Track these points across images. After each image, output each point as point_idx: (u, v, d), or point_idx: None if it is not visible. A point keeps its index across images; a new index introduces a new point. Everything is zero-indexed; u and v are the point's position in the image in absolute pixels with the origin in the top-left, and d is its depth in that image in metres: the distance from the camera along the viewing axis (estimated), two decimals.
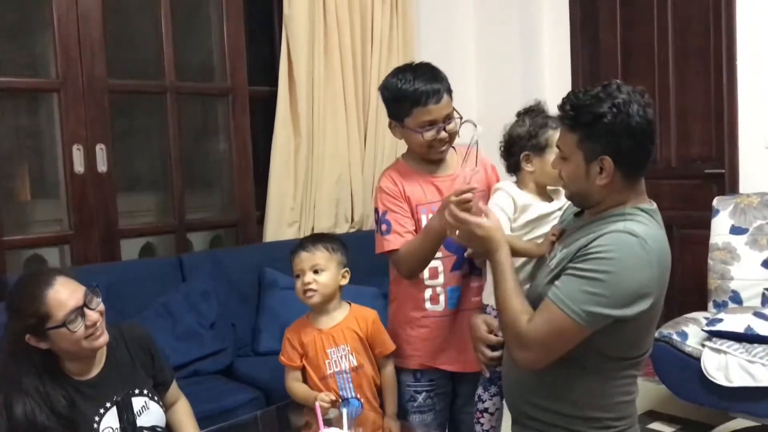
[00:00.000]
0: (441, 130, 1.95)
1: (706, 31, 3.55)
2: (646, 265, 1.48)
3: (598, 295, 1.47)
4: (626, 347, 1.58)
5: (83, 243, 3.06)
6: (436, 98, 1.92)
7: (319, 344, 1.98)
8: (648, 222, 1.55)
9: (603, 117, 1.50)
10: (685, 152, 3.72)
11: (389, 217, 2.00)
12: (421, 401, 2.07)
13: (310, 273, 1.95)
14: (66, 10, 2.96)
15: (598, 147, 1.53)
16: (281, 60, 3.47)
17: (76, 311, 1.65)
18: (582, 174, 1.57)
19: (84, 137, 3.03)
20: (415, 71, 1.96)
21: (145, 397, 1.82)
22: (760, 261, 3.05)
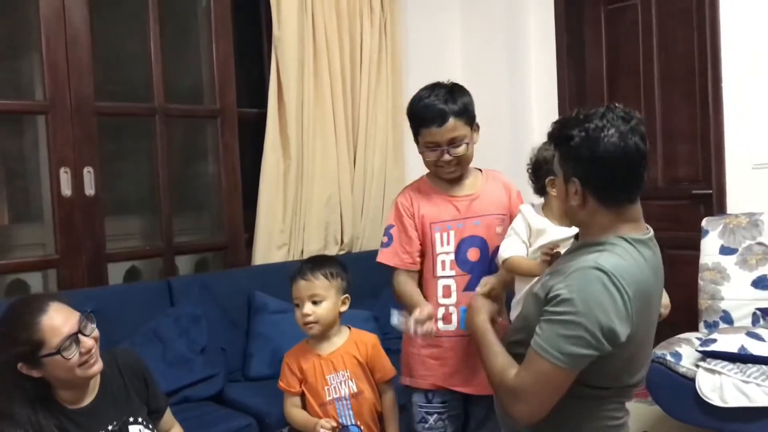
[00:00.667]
0: (444, 153, 1.96)
1: (691, 53, 3.60)
2: (617, 301, 1.44)
3: (573, 336, 1.45)
4: (608, 379, 1.56)
5: (70, 267, 3.00)
6: (439, 121, 1.92)
7: (319, 370, 1.95)
8: (624, 253, 1.50)
9: (570, 140, 1.51)
10: (672, 173, 3.75)
11: (393, 231, 2.05)
12: (432, 423, 2.05)
13: (309, 304, 1.92)
14: (54, 31, 2.94)
15: (569, 168, 1.54)
16: (270, 82, 3.47)
17: (71, 338, 1.61)
18: (563, 193, 1.59)
19: (72, 160, 2.99)
20: (433, 90, 1.98)
21: (140, 425, 1.78)
22: (749, 281, 3.06)
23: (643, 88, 3.83)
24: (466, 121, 1.96)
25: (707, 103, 3.49)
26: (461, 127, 1.95)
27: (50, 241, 3.06)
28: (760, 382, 2.56)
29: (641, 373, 1.63)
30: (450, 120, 1.92)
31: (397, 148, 3.96)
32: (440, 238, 2.02)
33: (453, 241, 2.02)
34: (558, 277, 1.53)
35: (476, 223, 2.03)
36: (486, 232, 2.03)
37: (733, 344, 2.69)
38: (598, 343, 1.44)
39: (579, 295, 1.45)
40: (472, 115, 2.00)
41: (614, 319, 1.44)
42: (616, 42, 3.96)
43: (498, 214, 2.06)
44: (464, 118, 1.95)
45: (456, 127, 1.94)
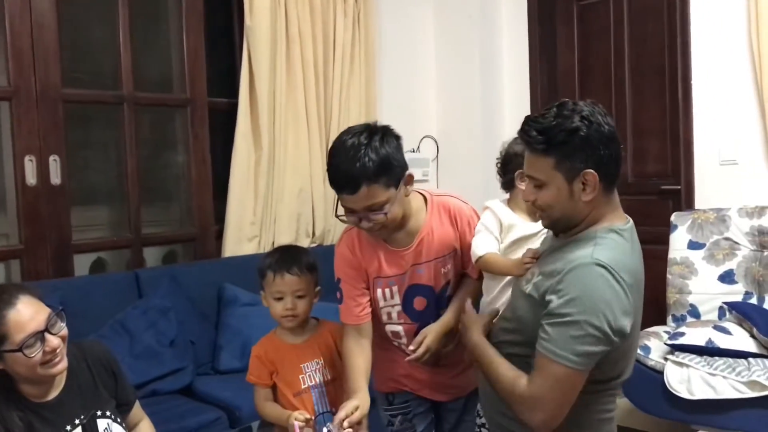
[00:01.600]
0: (363, 220, 1.71)
1: (661, 50, 3.64)
2: (620, 295, 1.45)
3: (584, 336, 1.45)
4: (606, 370, 1.56)
5: (34, 258, 2.93)
6: (349, 189, 1.65)
7: (292, 359, 1.92)
8: (616, 245, 1.51)
9: (578, 131, 1.48)
10: (642, 169, 3.79)
11: (342, 286, 1.87)
12: (398, 425, 1.99)
13: (293, 298, 1.87)
14: (19, 15, 2.86)
15: (578, 163, 1.50)
16: (242, 71, 3.42)
17: (36, 335, 1.56)
18: (565, 196, 1.53)
19: (37, 148, 2.91)
20: (351, 142, 1.67)
21: (108, 419, 1.74)
22: (716, 275, 3.11)
23: (614, 85, 3.86)
24: (386, 184, 1.66)
25: (677, 99, 3.53)
26: (379, 193, 1.66)
27: (14, 231, 2.99)
28: (726, 374, 2.60)
29: (632, 363, 1.64)
30: (363, 187, 1.63)
31: None
32: (382, 294, 1.87)
33: (397, 294, 1.88)
34: (553, 277, 1.51)
35: (419, 271, 1.85)
36: (431, 279, 1.87)
37: (701, 337, 2.74)
38: (608, 339, 1.45)
39: (583, 293, 1.45)
40: (397, 172, 1.69)
41: (619, 313, 1.45)
42: (588, 38, 3.99)
43: (443, 256, 1.86)
44: (383, 180, 1.65)
45: (371, 194, 1.65)
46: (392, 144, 1.70)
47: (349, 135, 1.70)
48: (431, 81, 4.41)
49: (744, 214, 3.12)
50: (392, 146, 1.70)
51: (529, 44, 4.10)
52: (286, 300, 1.87)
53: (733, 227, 3.13)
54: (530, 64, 4.11)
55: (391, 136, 1.72)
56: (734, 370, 2.61)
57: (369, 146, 1.65)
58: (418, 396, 1.99)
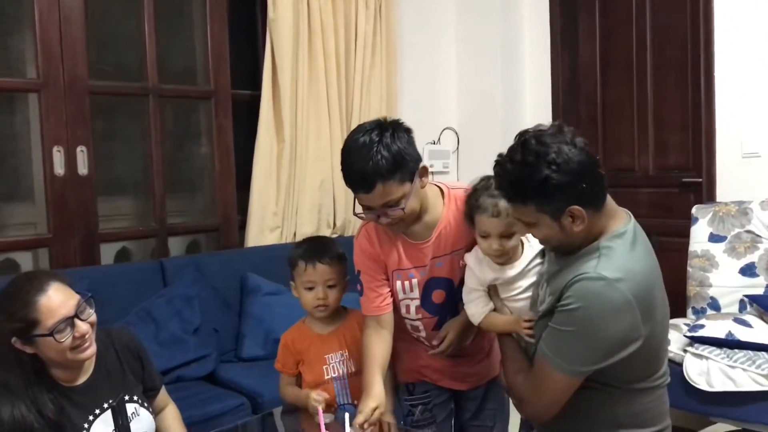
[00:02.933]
0: (381, 216, 1.74)
1: (684, 42, 3.61)
2: (621, 308, 1.46)
3: (579, 348, 1.48)
4: (635, 374, 1.57)
5: (62, 247, 3.00)
6: (365, 188, 1.67)
7: (317, 349, 1.94)
8: (620, 253, 1.50)
9: (549, 180, 1.45)
10: (663, 161, 3.77)
11: (362, 277, 1.88)
12: (419, 415, 2.00)
13: (324, 287, 1.89)
14: (48, 9, 2.92)
15: (559, 203, 1.49)
16: (265, 64, 3.46)
17: (66, 321, 1.60)
18: (556, 231, 1.54)
19: (65, 139, 2.98)
20: (356, 145, 1.68)
21: (135, 403, 1.79)
22: (737, 268, 3.09)
23: (635, 77, 3.84)
24: (401, 179, 1.68)
25: (699, 92, 3.51)
26: (394, 190, 1.67)
27: (42, 220, 3.05)
28: (746, 367, 2.60)
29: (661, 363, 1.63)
30: (378, 186, 1.65)
31: None
32: (402, 287, 1.88)
33: (417, 288, 1.88)
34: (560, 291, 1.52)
35: (438, 264, 1.86)
36: (450, 271, 1.87)
37: (721, 330, 2.73)
38: (606, 353, 1.47)
39: (583, 307, 1.46)
40: (410, 166, 1.70)
41: (628, 329, 1.46)
42: (610, 30, 3.96)
43: (461, 248, 1.85)
44: (398, 176, 1.67)
45: (387, 192, 1.67)
46: (404, 139, 1.70)
47: (360, 133, 1.70)
48: (452, 72, 4.42)
49: (766, 207, 3.10)
50: (404, 141, 1.70)
51: (550, 36, 4.09)
52: (317, 290, 1.89)
53: (755, 220, 3.11)
54: (551, 56, 4.10)
55: (402, 131, 1.73)
56: (754, 362, 2.60)
57: (381, 143, 1.66)
58: (438, 386, 2.01)
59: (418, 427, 2.00)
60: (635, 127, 3.86)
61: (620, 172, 3.94)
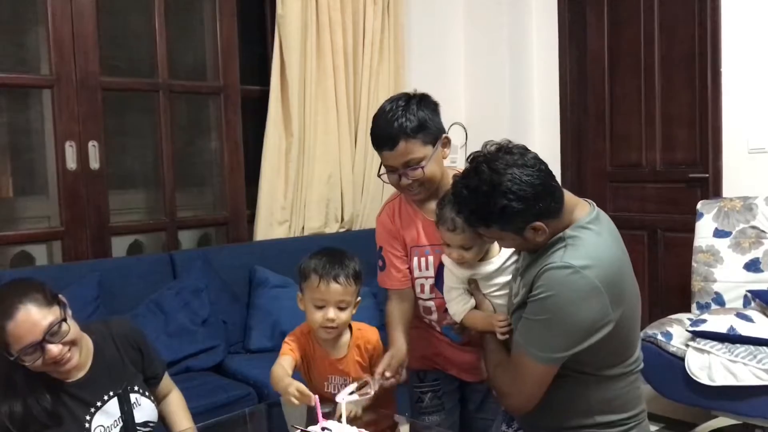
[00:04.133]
0: (402, 177, 1.83)
1: (691, 37, 3.61)
2: (589, 294, 1.49)
3: (551, 335, 1.52)
4: (607, 359, 1.60)
5: (74, 240, 3.06)
6: (389, 144, 1.78)
7: (322, 365, 1.89)
8: (586, 241, 1.55)
9: (507, 208, 1.49)
10: (670, 157, 3.78)
11: (384, 253, 1.96)
12: (428, 402, 2.04)
13: (335, 309, 1.78)
14: (60, 6, 2.97)
15: (520, 224, 1.53)
16: (273, 60, 3.49)
17: (34, 346, 1.58)
18: (520, 242, 1.59)
19: (77, 134, 3.04)
20: (390, 104, 1.82)
21: (136, 393, 1.81)
22: (742, 263, 3.11)
23: (643, 71, 3.84)
24: (423, 141, 1.79)
25: (706, 87, 3.50)
26: (417, 149, 1.78)
27: (55, 213, 3.11)
28: (747, 361, 2.62)
29: (633, 350, 1.66)
30: (401, 143, 1.77)
31: None
32: (418, 263, 1.94)
33: (432, 266, 1.93)
34: (532, 282, 1.57)
35: None
36: None
37: (723, 325, 2.75)
38: (581, 341, 1.51)
39: (552, 295, 1.50)
40: (433, 131, 1.81)
41: (597, 314, 1.50)
42: (618, 24, 3.97)
43: None
44: (420, 137, 1.78)
45: (409, 150, 1.78)
46: (430, 107, 1.83)
47: (389, 101, 1.85)
48: (460, 67, 4.44)
49: None
50: (429, 109, 1.83)
51: (558, 30, 4.09)
52: (327, 310, 1.78)
53: (759, 216, 3.11)
54: (560, 50, 4.10)
55: (428, 101, 1.85)
56: (755, 357, 2.62)
57: (407, 108, 1.79)
58: (448, 374, 2.05)
59: (427, 413, 2.04)
60: (643, 121, 3.86)
61: (628, 167, 3.96)
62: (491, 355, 1.73)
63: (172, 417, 1.95)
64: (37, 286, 1.65)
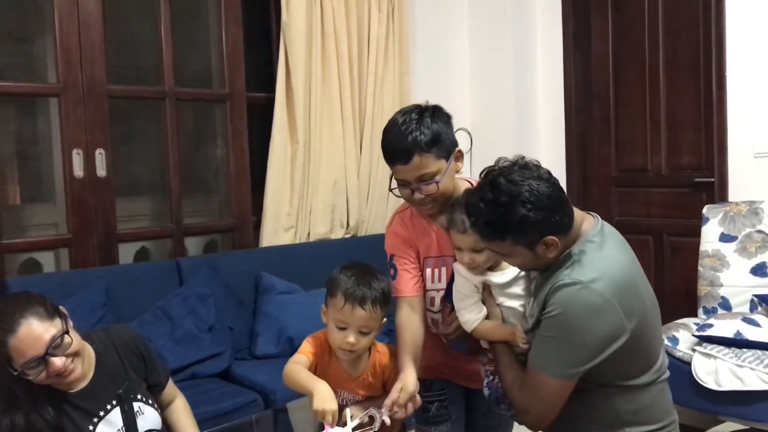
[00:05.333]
0: (415, 191, 1.79)
1: (696, 42, 3.61)
2: (601, 308, 1.50)
3: (564, 352, 1.53)
4: (623, 370, 1.59)
5: (81, 247, 3.07)
6: (403, 159, 1.75)
7: (335, 379, 1.81)
8: (592, 257, 1.55)
9: (526, 218, 1.49)
10: (676, 161, 3.77)
11: (395, 261, 1.93)
12: (435, 411, 2.02)
13: (356, 334, 1.73)
14: (67, 15, 3.00)
15: (535, 237, 1.53)
16: (279, 67, 3.51)
17: (37, 360, 1.57)
18: (531, 259, 1.59)
19: (84, 142, 3.06)
20: (403, 117, 1.78)
21: (139, 402, 1.80)
22: (748, 268, 3.10)
23: (648, 76, 3.84)
24: (437, 155, 1.75)
25: (711, 91, 3.50)
26: (430, 163, 1.75)
27: (62, 221, 3.13)
28: (754, 366, 2.61)
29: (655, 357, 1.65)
30: (415, 157, 1.73)
31: None
32: (431, 275, 1.92)
33: (444, 278, 1.92)
34: (544, 300, 1.57)
35: None
36: None
37: (729, 329, 2.74)
38: (596, 356, 1.51)
39: (563, 313, 1.51)
40: (447, 145, 1.78)
41: (610, 328, 1.50)
42: (623, 29, 3.97)
43: None
44: (434, 151, 1.74)
45: (423, 164, 1.74)
46: (443, 120, 1.80)
47: (401, 113, 1.81)
48: (465, 74, 4.45)
49: None
50: (443, 122, 1.79)
51: (563, 35, 4.10)
52: (348, 333, 1.73)
53: (766, 220, 3.10)
54: (564, 56, 4.11)
55: (442, 114, 1.82)
56: (762, 362, 2.61)
57: (420, 121, 1.76)
58: (454, 384, 2.05)
59: (434, 423, 2.02)
60: (648, 126, 3.86)
61: (633, 172, 3.96)
62: (506, 370, 1.71)
63: (177, 424, 1.93)
64: (38, 299, 1.65)
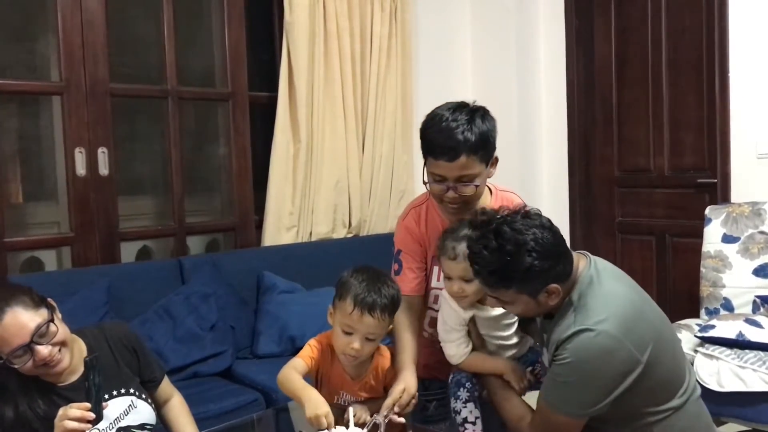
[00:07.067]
0: (450, 190, 1.76)
1: (699, 43, 3.61)
2: (611, 348, 1.50)
3: (581, 394, 1.53)
4: (650, 400, 1.59)
5: (84, 245, 3.07)
6: (450, 155, 1.71)
7: (336, 382, 1.84)
8: (592, 300, 1.55)
9: (531, 268, 1.50)
10: (678, 162, 3.77)
11: (402, 257, 1.92)
12: (434, 410, 2.02)
13: (362, 340, 1.70)
14: (70, 14, 3.00)
15: (539, 285, 1.54)
16: (281, 66, 3.51)
17: (22, 348, 1.59)
18: (532, 306, 1.59)
19: (86, 140, 3.06)
20: (453, 112, 1.75)
21: (132, 396, 1.79)
22: (751, 269, 3.09)
23: (651, 77, 3.84)
24: (481, 158, 1.74)
25: (714, 92, 3.50)
26: (474, 165, 1.73)
27: (64, 219, 3.13)
28: (756, 367, 2.60)
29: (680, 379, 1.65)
30: (462, 157, 1.70)
31: (405, 133, 4.00)
32: (437, 274, 1.91)
33: None
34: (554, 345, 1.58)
35: None
36: None
37: (732, 330, 2.74)
38: (607, 393, 1.52)
39: (574, 360, 1.51)
40: (491, 149, 1.77)
41: (623, 366, 1.51)
42: (625, 30, 3.97)
43: None
44: (480, 154, 1.72)
45: (468, 165, 1.72)
46: (492, 123, 1.78)
47: (449, 110, 1.76)
48: (468, 74, 4.44)
49: None
50: (491, 126, 1.77)
51: (565, 36, 4.09)
52: (354, 339, 1.70)
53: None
54: (567, 56, 4.10)
55: (491, 117, 1.80)
56: (765, 363, 2.60)
57: (472, 121, 1.73)
58: None
59: (433, 422, 2.02)
60: (650, 127, 3.86)
61: (636, 172, 3.95)
62: (510, 407, 1.71)
63: (174, 422, 1.93)
64: (24, 289, 1.67)
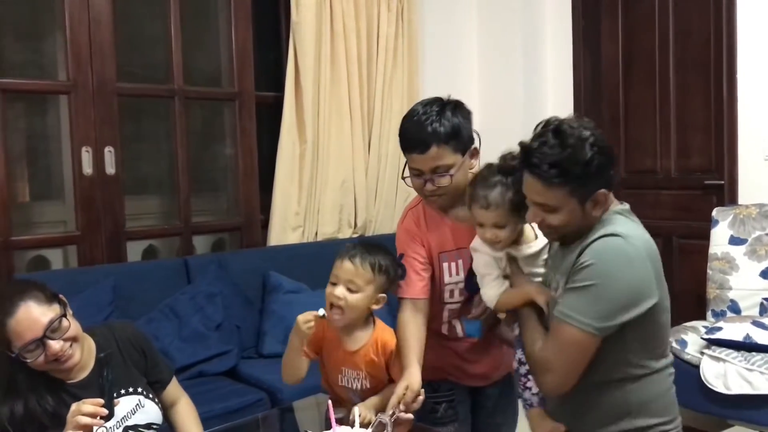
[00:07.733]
0: (428, 182, 1.80)
1: (706, 43, 3.59)
2: (636, 260, 1.50)
3: (596, 302, 1.50)
4: (645, 347, 1.59)
5: (90, 244, 3.08)
6: (420, 147, 1.76)
7: (336, 357, 1.87)
8: (626, 222, 1.58)
9: (592, 161, 1.50)
10: (685, 163, 3.75)
11: (405, 260, 1.90)
12: (443, 412, 2.01)
13: (343, 288, 1.76)
14: (78, 13, 3.01)
15: (593, 187, 1.53)
16: (288, 66, 3.51)
17: (35, 342, 1.60)
18: (578, 216, 1.56)
19: (93, 139, 3.07)
20: (424, 107, 1.80)
21: (139, 395, 1.80)
22: (758, 271, 3.08)
23: (658, 78, 3.82)
24: (454, 148, 1.77)
25: (722, 93, 3.49)
26: (447, 156, 1.77)
27: (71, 218, 3.14)
28: (763, 370, 2.59)
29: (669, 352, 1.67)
30: (432, 147, 1.75)
31: None
32: (448, 269, 1.91)
33: (462, 270, 1.92)
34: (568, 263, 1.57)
35: None
36: None
37: (739, 333, 2.73)
38: (627, 309, 1.49)
39: (599, 260, 1.50)
40: (465, 140, 1.80)
41: (642, 280, 1.50)
42: (632, 31, 3.95)
43: None
44: (452, 144, 1.76)
45: (440, 156, 1.76)
46: (464, 114, 1.82)
47: (422, 104, 1.82)
48: (474, 74, 4.44)
49: None
50: (463, 117, 1.81)
51: (572, 36, 4.08)
52: (337, 287, 1.78)
53: None
54: (573, 56, 4.09)
55: (464, 109, 1.84)
56: None
57: (442, 113, 1.77)
58: (461, 384, 2.04)
59: (441, 424, 2.01)
60: (657, 128, 3.84)
61: (642, 173, 3.94)
62: (529, 333, 1.67)
63: (181, 426, 1.93)
64: (38, 285, 1.68)
